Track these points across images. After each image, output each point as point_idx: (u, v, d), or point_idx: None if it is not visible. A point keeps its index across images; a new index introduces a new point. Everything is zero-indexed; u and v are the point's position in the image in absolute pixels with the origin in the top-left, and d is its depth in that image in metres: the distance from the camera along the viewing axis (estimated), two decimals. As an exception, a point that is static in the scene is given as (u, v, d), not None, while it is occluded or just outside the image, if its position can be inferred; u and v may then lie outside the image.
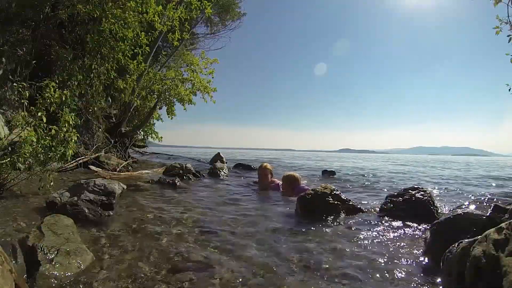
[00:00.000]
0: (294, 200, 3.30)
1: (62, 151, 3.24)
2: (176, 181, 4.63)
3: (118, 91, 7.31)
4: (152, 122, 9.74)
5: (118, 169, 5.98)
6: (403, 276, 1.57)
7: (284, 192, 4.11)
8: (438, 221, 1.98)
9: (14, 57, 5.03)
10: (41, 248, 1.52)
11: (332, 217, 2.73)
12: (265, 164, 4.80)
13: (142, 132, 9.82)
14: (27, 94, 3.19)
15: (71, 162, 5.13)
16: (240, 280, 1.48)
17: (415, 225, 2.52)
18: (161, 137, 9.94)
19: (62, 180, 4.35)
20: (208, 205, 3.28)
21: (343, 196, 3.02)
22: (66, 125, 3.26)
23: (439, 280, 1.49)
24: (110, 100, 8.32)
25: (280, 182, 4.29)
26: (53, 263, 1.46)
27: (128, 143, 8.55)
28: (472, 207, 2.05)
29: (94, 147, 6.63)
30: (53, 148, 3.19)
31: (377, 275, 1.57)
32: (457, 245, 1.33)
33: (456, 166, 15.96)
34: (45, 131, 3.15)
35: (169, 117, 9.38)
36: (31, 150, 3.03)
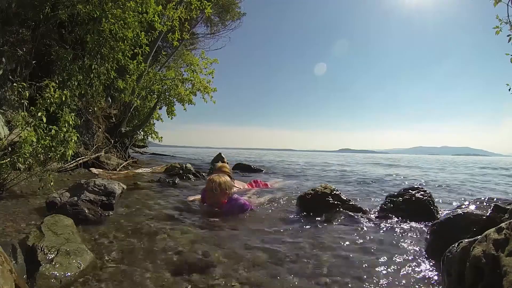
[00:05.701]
0: (292, 202, 3.28)
1: (62, 151, 3.24)
2: (176, 181, 4.64)
3: (118, 91, 7.30)
4: (152, 122, 9.74)
5: (118, 169, 5.99)
6: (403, 276, 1.57)
7: (209, 203, 2.94)
8: (438, 221, 1.98)
9: (14, 57, 5.03)
10: (41, 248, 1.52)
11: (332, 217, 2.73)
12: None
13: (142, 132, 9.82)
14: (27, 94, 3.19)
15: (71, 162, 5.13)
16: (240, 279, 1.48)
17: (415, 225, 2.52)
18: (161, 137, 9.94)
19: (62, 180, 4.35)
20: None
21: (343, 196, 3.03)
22: (66, 125, 3.26)
23: (439, 280, 1.49)
24: (110, 100, 8.31)
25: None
26: (53, 263, 1.46)
27: (128, 143, 8.55)
28: (472, 207, 2.04)
29: (94, 147, 6.63)
30: (53, 148, 3.19)
31: (377, 275, 1.56)
32: (457, 245, 1.33)
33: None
34: (45, 131, 3.15)
35: (169, 117, 9.39)
36: (31, 150, 3.03)
